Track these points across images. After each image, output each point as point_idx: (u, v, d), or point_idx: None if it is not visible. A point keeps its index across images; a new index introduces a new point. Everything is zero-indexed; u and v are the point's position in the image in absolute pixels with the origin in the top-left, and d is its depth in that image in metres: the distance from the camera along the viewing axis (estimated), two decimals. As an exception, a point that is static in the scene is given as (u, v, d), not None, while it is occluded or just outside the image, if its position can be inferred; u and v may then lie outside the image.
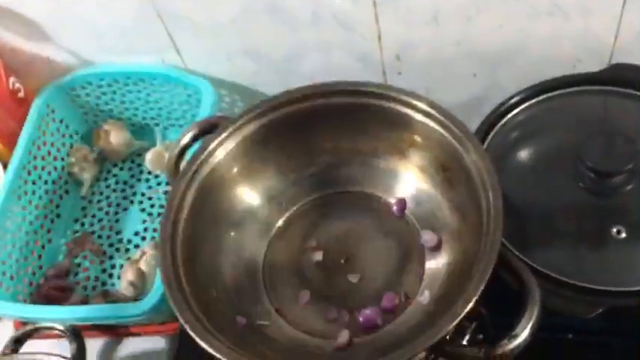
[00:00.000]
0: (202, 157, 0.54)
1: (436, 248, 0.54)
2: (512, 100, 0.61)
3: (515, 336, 0.42)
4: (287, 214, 0.59)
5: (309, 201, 0.59)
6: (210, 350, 0.45)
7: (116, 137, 0.78)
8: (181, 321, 0.47)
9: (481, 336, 0.46)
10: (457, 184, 0.53)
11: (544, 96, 0.61)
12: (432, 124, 0.52)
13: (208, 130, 0.55)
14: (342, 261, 0.56)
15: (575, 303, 0.48)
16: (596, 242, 0.53)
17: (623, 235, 0.52)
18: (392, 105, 0.54)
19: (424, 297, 0.52)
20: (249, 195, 0.58)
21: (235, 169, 0.56)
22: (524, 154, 0.59)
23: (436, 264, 0.54)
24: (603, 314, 0.47)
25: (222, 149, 0.55)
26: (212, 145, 0.54)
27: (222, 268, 0.55)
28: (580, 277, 0.50)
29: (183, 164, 0.55)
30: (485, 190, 0.48)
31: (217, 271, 0.54)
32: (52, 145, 0.77)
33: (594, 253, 0.52)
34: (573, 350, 0.53)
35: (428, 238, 0.55)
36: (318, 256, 0.56)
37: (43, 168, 0.75)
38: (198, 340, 0.46)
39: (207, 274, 0.53)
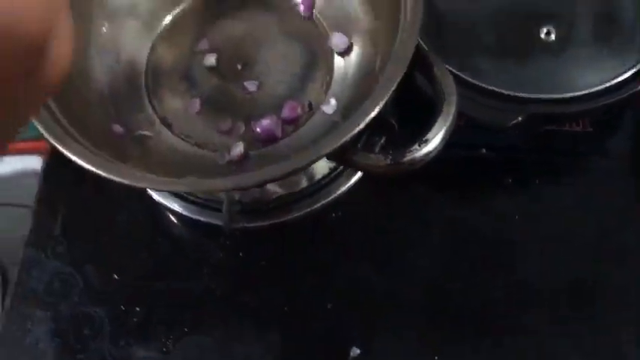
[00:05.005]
0: None
1: (346, 52, 0.48)
2: None
3: (427, 141, 0.37)
4: (175, 10, 0.50)
5: (201, -4, 0.50)
6: (76, 159, 0.38)
7: None
8: (39, 126, 0.39)
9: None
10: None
11: None
12: None
13: None
14: (239, 66, 0.48)
15: (495, 111, 0.43)
16: (524, 48, 0.47)
17: (552, 36, 0.46)
18: None
19: (330, 106, 0.46)
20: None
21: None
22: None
23: (345, 70, 0.48)
24: (522, 124, 0.43)
25: None
26: None
27: (94, 69, 0.46)
28: (501, 84, 0.45)
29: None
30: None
31: (87, 73, 0.46)
32: None
33: (520, 60, 0.47)
34: (486, 166, 0.50)
35: (338, 41, 0.48)
36: (211, 60, 0.48)
37: None
38: (60, 147, 0.38)
39: (74, 76, 0.44)
